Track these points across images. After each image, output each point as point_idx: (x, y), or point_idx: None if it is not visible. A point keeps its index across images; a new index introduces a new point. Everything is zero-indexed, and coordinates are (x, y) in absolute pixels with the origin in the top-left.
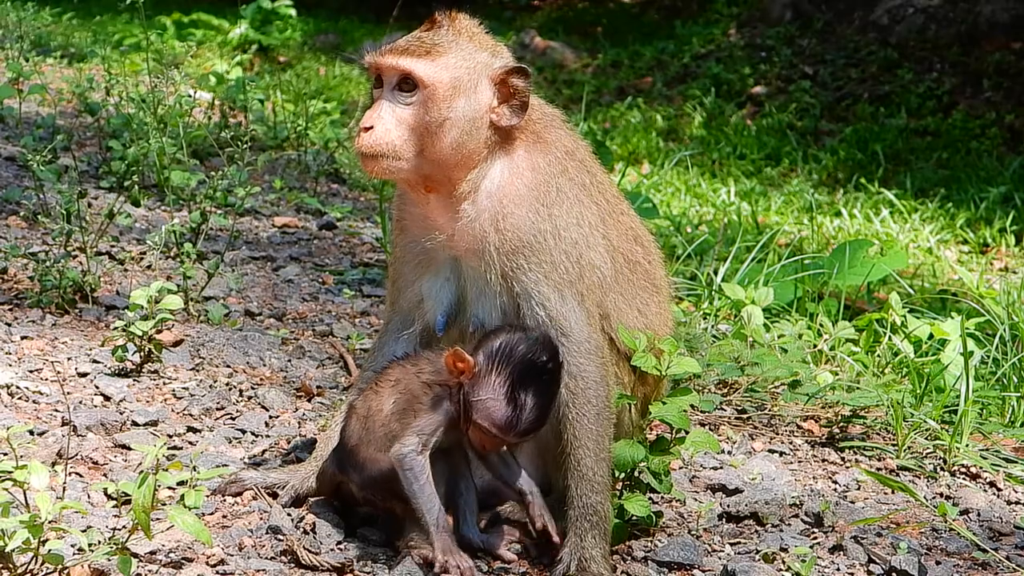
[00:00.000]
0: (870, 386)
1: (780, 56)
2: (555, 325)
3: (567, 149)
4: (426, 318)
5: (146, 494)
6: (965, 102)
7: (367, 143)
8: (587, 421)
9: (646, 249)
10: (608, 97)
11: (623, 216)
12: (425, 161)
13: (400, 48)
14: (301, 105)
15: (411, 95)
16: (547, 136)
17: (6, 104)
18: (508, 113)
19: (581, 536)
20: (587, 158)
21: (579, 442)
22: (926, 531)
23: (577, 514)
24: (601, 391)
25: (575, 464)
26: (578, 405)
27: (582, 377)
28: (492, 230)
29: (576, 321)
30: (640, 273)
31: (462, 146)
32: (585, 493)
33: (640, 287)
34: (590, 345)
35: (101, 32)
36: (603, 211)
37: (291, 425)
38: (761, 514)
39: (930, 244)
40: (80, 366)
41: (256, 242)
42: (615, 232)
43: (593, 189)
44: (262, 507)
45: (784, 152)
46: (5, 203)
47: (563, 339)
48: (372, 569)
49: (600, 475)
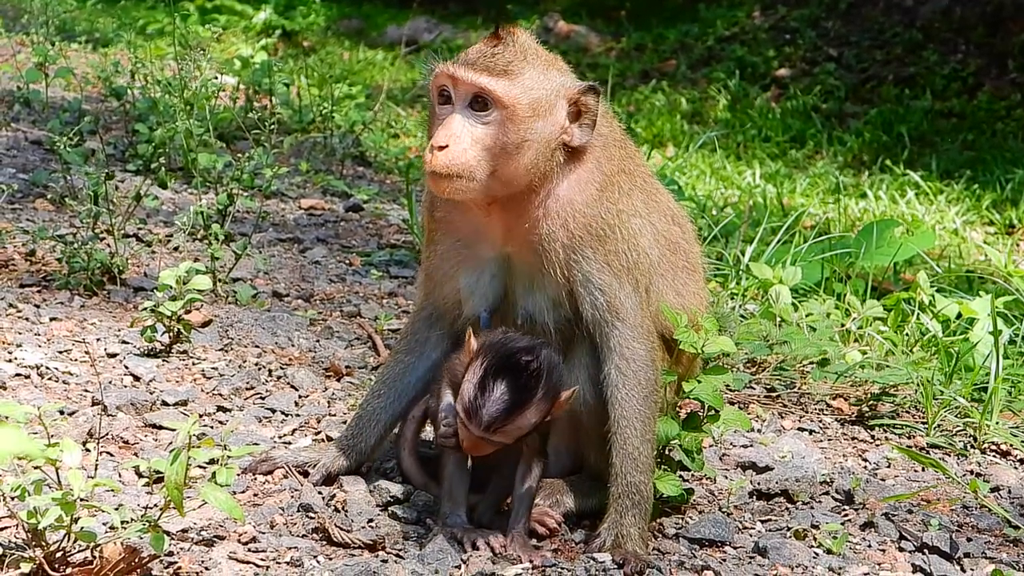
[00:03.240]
0: (899, 364)
1: (805, 38)
2: (611, 309)
3: (618, 142)
4: (465, 311)
5: (179, 471)
6: (990, 83)
7: (442, 163)
8: (636, 402)
9: (683, 228)
10: (632, 80)
11: (661, 197)
12: (496, 182)
13: (476, 64)
14: (326, 89)
15: (487, 114)
16: (605, 135)
17: (32, 88)
18: (579, 133)
19: (621, 514)
20: (630, 145)
21: (627, 421)
22: (957, 508)
23: (620, 491)
24: (651, 373)
25: (621, 443)
26: (628, 386)
27: (634, 359)
28: (562, 231)
29: (632, 306)
30: (680, 254)
31: (535, 167)
32: (629, 471)
33: (679, 268)
34: (643, 329)
35: (125, 17)
36: (648, 196)
37: (321, 405)
38: (792, 491)
39: (956, 225)
40: (109, 347)
41: (283, 224)
42: (657, 216)
43: (637, 176)
44: (293, 485)
45: (809, 134)
46: (32, 186)
47: (617, 323)
48: (403, 546)
49: (645, 455)
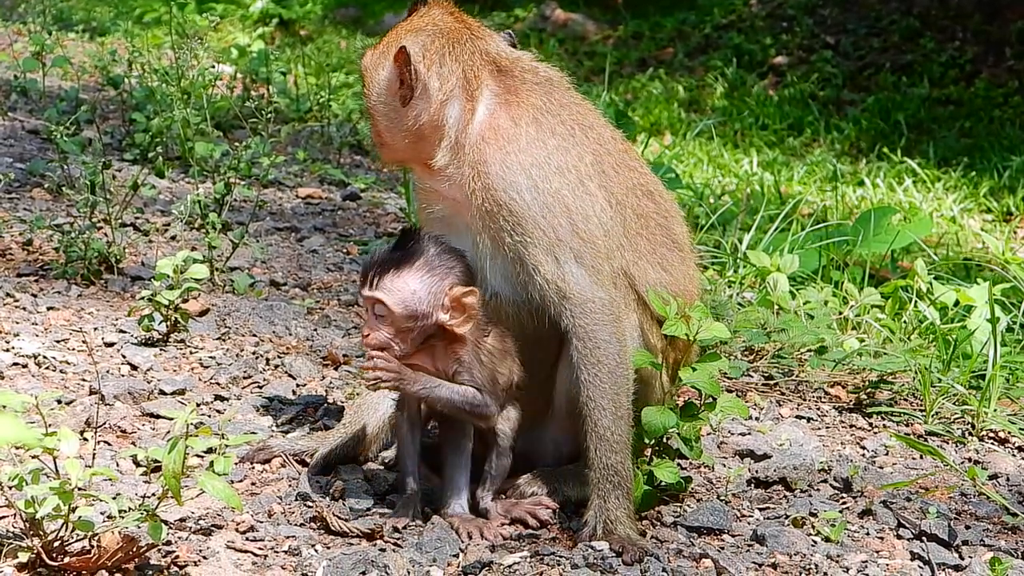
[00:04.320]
0: (897, 352)
1: (802, 26)
2: (552, 290)
3: (535, 105)
4: None
5: (176, 459)
6: (988, 71)
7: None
8: (600, 381)
9: (659, 205)
10: (629, 68)
11: (631, 172)
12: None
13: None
14: (323, 77)
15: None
16: (509, 97)
17: (29, 77)
18: (406, 94)
19: (604, 498)
20: (576, 111)
21: (594, 403)
22: (955, 495)
23: (598, 476)
24: (611, 349)
25: (592, 425)
26: (589, 366)
27: (589, 338)
28: (469, 192)
29: (575, 282)
30: (654, 228)
31: (393, 129)
32: (605, 454)
33: (659, 243)
34: (595, 305)
35: (122, 6)
36: (602, 162)
37: (318, 393)
38: (790, 479)
39: (953, 213)
40: (107, 336)
41: (280, 213)
42: (618, 185)
43: (586, 139)
44: (291, 474)
45: (806, 122)
46: (30, 175)
47: (564, 302)
48: (402, 535)
49: (618, 435)
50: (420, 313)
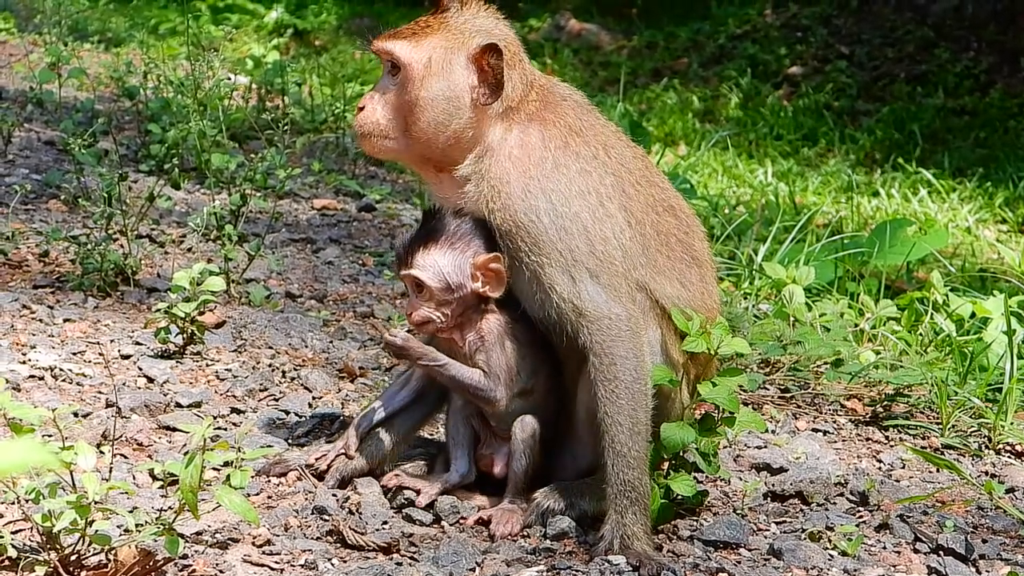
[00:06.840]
0: (913, 364)
1: (816, 36)
2: (568, 308)
3: (569, 125)
4: None
5: (193, 474)
6: (1002, 81)
7: (358, 123)
8: (616, 397)
9: (680, 220)
10: (644, 79)
11: (652, 188)
12: (413, 141)
13: (392, 32)
14: (338, 88)
15: (396, 77)
16: (546, 114)
17: (45, 89)
18: (485, 93)
19: (621, 513)
20: (601, 132)
21: (612, 419)
22: (972, 509)
23: (615, 491)
24: (628, 365)
25: (610, 441)
26: (606, 383)
27: (606, 355)
28: (487, 212)
29: (591, 299)
30: (674, 244)
31: (443, 126)
32: (622, 470)
33: (678, 259)
34: (611, 321)
35: (137, 17)
36: (622, 182)
37: (334, 406)
38: (806, 493)
39: (968, 223)
40: (123, 348)
41: (296, 224)
42: (638, 203)
43: (608, 160)
44: (307, 488)
45: (821, 132)
46: (46, 187)
47: (581, 319)
48: (418, 549)
49: (636, 451)
50: (454, 284)
